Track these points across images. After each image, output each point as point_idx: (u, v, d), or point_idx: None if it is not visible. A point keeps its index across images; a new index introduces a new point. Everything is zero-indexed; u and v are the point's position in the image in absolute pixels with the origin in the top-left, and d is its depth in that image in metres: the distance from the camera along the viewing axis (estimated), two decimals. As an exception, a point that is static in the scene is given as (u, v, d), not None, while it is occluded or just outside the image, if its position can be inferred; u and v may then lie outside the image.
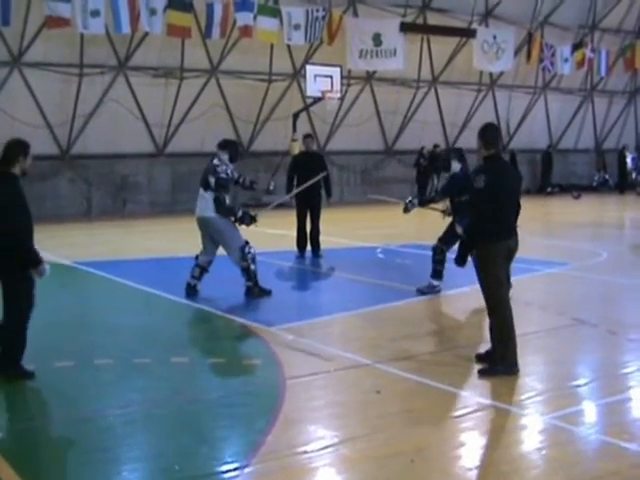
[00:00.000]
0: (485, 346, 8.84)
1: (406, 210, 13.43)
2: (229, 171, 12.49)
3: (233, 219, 12.50)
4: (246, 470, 6.01)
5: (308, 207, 17.07)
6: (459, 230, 12.12)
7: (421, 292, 12.86)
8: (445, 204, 13.21)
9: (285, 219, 18.10)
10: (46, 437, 6.96)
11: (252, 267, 12.50)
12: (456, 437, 6.75)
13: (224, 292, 12.97)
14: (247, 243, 12.51)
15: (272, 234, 16.81)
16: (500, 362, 8.39)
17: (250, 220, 12.54)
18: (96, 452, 6.50)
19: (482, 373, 8.40)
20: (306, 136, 18.35)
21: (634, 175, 38.64)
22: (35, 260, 8.23)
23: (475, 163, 10.32)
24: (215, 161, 12.46)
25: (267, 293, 12.64)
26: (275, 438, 6.60)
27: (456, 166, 12.96)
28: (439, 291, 12.91)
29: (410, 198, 13.77)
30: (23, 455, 6.40)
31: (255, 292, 12.56)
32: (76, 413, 7.61)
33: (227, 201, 12.40)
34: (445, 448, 6.50)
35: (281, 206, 14.96)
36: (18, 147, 8.43)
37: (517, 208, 8.72)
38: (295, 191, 16.01)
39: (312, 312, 11.89)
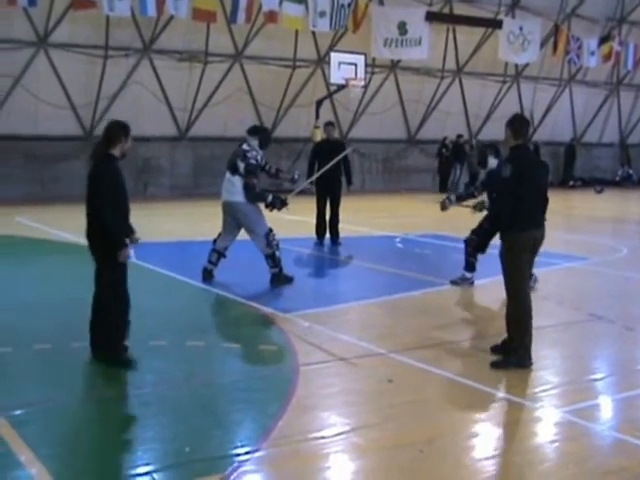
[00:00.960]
0: (500, 337, 8.83)
1: (444, 208, 13.32)
2: (259, 157, 12.53)
3: (264, 205, 12.54)
4: (257, 454, 6.06)
5: (328, 194, 17.08)
6: None
7: (454, 283, 12.88)
8: (476, 200, 13.14)
9: (305, 205, 18.09)
10: (63, 417, 7.01)
11: (277, 254, 12.55)
12: (468, 428, 6.76)
13: (242, 278, 13.02)
14: (271, 230, 12.57)
15: (291, 220, 16.80)
16: (513, 354, 8.41)
17: (281, 204, 12.58)
18: (111, 432, 6.60)
19: (495, 365, 8.41)
20: (327, 124, 18.35)
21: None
22: (118, 243, 8.25)
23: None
24: (245, 146, 12.48)
25: (289, 280, 12.68)
26: (287, 423, 6.65)
27: (493, 162, 12.89)
28: (472, 283, 12.91)
29: (448, 195, 13.67)
30: (40, 435, 6.47)
31: (281, 279, 12.62)
32: (93, 394, 7.70)
33: (256, 187, 12.47)
34: (457, 439, 6.52)
35: (301, 193, 14.98)
36: (119, 128, 8.41)
37: (545, 200, 8.75)
38: (315, 175, 16.03)
39: (329, 300, 11.92)
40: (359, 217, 20.98)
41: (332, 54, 28.98)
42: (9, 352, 8.65)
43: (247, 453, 6.06)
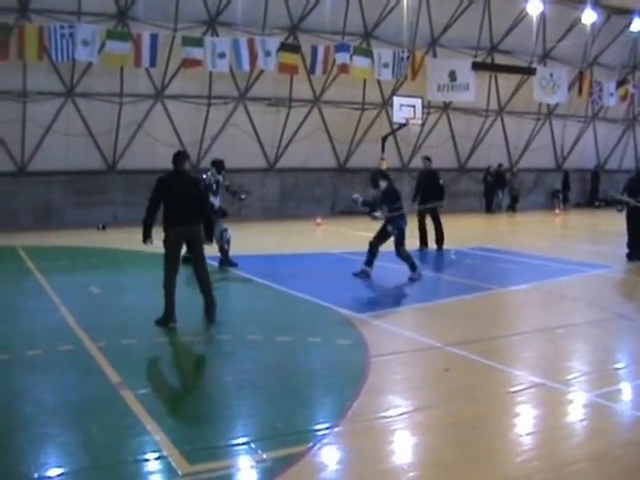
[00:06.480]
0: (540, 332, 8.67)
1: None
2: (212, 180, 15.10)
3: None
4: (337, 429, 6.07)
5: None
6: (389, 229, 13.42)
7: (355, 275, 13.47)
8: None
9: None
10: (180, 396, 7.16)
11: (225, 246, 14.97)
12: (512, 409, 6.67)
13: (319, 285, 13.07)
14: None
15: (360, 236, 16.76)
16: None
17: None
18: (218, 409, 6.68)
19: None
20: (425, 158, 19.23)
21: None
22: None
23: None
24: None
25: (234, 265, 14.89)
26: (361, 404, 6.63)
27: (383, 184, 13.40)
28: (368, 276, 13.45)
29: (373, 213, 13.84)
30: (162, 409, 6.59)
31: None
32: (203, 378, 7.78)
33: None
34: (503, 417, 6.45)
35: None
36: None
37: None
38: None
39: (395, 302, 11.91)
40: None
41: (394, 98, 29.04)
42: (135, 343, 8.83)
43: (328, 428, 6.08)
